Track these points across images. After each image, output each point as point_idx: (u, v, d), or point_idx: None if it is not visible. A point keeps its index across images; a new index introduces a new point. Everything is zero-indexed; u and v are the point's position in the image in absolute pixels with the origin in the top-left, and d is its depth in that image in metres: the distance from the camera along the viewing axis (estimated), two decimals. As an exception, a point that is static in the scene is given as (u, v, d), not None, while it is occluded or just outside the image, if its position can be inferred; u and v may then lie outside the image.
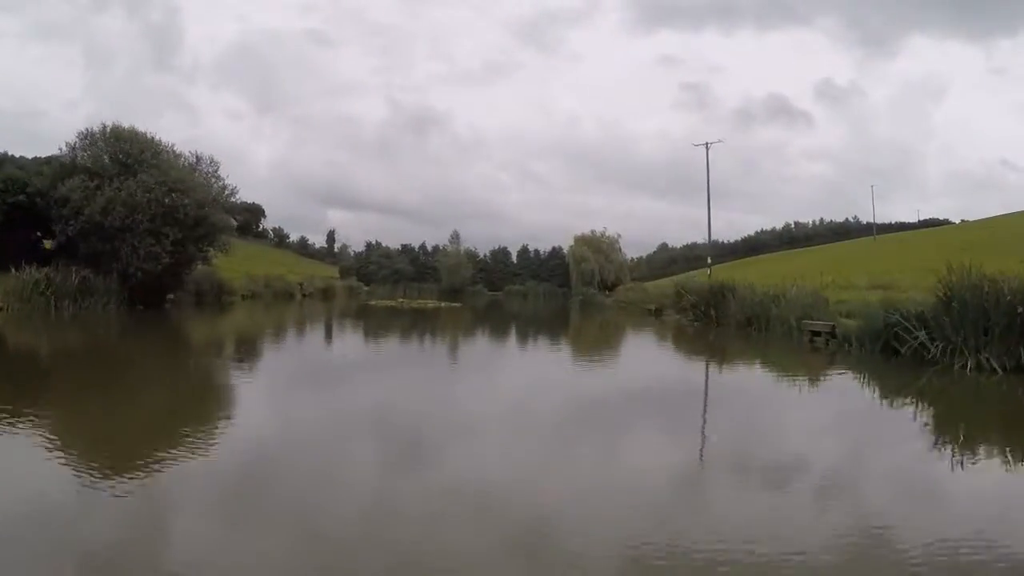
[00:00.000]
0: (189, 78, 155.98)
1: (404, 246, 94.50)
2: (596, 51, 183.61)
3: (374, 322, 27.17)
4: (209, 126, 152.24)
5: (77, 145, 26.32)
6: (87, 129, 26.49)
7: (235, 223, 31.18)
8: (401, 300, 41.12)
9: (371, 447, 6.42)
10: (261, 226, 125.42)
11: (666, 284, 42.80)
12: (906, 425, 7.90)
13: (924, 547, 3.85)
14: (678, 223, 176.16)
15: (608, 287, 74.28)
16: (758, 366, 14.23)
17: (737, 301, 21.05)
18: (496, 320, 33.01)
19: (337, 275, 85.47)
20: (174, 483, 4.88)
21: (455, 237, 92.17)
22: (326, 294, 59.37)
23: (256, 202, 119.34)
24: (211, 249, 28.92)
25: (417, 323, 26.49)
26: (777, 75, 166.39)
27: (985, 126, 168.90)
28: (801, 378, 11.79)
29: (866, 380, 11.28)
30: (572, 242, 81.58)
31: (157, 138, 27.83)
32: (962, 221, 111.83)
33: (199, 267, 32.10)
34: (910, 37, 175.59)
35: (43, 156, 28.72)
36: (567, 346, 20.11)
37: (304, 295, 54.32)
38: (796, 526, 4.26)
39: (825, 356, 14.05)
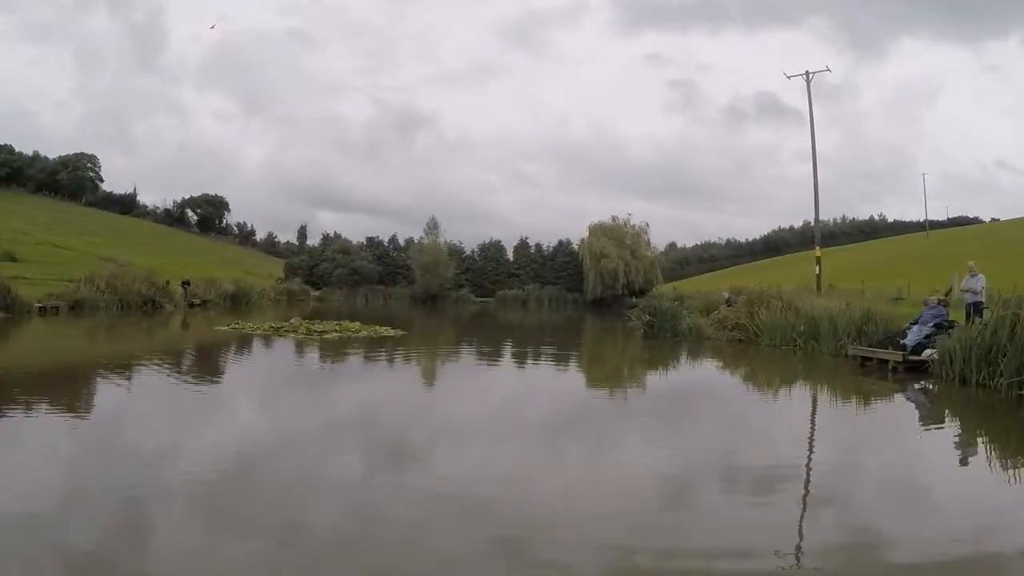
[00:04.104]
0: (175, 79, 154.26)
1: (369, 239, 72.81)
2: (584, 52, 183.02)
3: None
4: (198, 127, 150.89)
5: None
6: None
7: None
8: (291, 323, 21.37)
9: None
10: (225, 221, 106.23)
11: (713, 291, 29.51)
12: None
13: None
14: (667, 224, 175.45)
15: (635, 292, 55.18)
16: None
17: None
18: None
19: (282, 275, 65.76)
20: None
21: (432, 226, 65.85)
22: (235, 302, 39.61)
23: (219, 194, 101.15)
24: None
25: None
26: (767, 75, 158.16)
27: (979, 128, 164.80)
28: None
29: None
30: (586, 233, 61.42)
31: None
32: (992, 220, 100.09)
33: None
34: (901, 39, 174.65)
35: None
36: None
37: (192, 304, 34.54)
38: None
39: None
